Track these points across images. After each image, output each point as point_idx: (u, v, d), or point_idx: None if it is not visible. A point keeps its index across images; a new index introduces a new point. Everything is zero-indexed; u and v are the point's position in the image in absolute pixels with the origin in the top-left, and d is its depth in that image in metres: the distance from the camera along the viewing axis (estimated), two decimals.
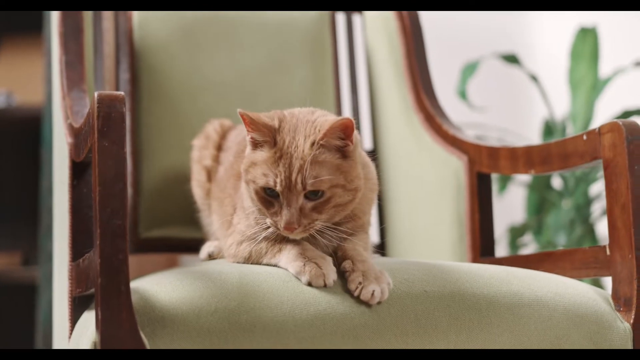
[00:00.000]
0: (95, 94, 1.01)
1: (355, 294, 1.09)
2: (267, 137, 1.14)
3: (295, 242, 1.16)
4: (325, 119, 1.17)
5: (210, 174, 1.44)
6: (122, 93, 1.02)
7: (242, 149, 1.33)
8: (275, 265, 1.15)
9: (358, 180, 1.15)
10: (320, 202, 1.13)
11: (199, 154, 1.47)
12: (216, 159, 1.44)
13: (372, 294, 1.08)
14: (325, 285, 1.09)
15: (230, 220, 1.26)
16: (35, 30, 2.55)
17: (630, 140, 1.24)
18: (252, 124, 1.14)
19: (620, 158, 1.25)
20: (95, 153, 1.01)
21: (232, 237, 1.23)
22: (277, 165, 1.12)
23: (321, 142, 1.13)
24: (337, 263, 1.15)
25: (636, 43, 2.56)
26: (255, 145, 1.16)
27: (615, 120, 1.26)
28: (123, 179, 1.01)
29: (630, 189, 1.23)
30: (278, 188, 1.12)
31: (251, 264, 1.18)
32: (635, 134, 1.25)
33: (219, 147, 1.45)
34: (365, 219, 1.23)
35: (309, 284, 1.09)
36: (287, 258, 1.13)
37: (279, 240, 1.16)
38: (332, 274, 1.10)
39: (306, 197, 1.12)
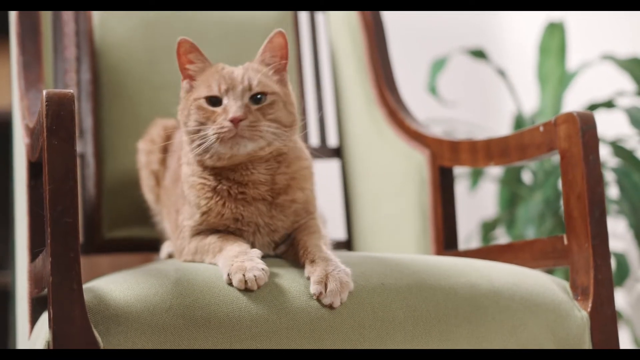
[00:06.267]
0: (44, 93, 1.01)
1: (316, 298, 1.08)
2: (206, 63, 1.20)
3: (235, 242, 1.15)
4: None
5: (158, 178, 1.44)
6: (71, 91, 1.02)
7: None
8: (216, 265, 1.14)
9: (294, 108, 1.20)
10: (264, 105, 1.16)
11: (146, 158, 1.46)
12: (163, 162, 1.43)
13: (331, 305, 1.08)
14: (246, 285, 1.06)
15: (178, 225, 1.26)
16: (3, 33, 2.54)
17: (585, 131, 1.26)
18: (194, 51, 1.20)
19: (575, 148, 1.26)
20: (45, 151, 1.01)
21: (180, 240, 1.23)
22: (222, 76, 1.17)
23: (261, 57, 1.20)
24: (298, 259, 1.15)
25: (602, 37, 2.58)
26: (192, 79, 1.20)
27: (570, 111, 1.27)
28: (73, 177, 1.00)
29: (585, 178, 1.24)
30: (224, 88, 1.15)
31: (198, 261, 1.18)
32: (590, 124, 1.26)
33: (165, 150, 1.44)
34: (306, 198, 1.22)
35: (229, 282, 1.07)
36: (223, 259, 1.11)
37: (222, 239, 1.16)
38: (255, 271, 1.07)
39: (250, 102, 1.16)
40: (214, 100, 1.16)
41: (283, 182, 1.19)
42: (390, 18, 1.77)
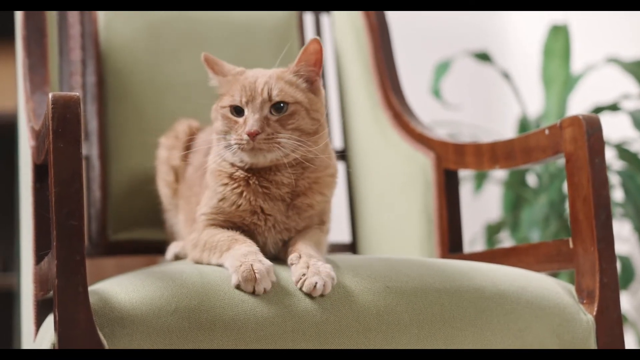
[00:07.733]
0: (50, 95, 1.01)
1: (298, 286, 1.10)
2: (226, 73, 1.23)
3: (245, 242, 1.15)
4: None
5: (178, 175, 1.44)
6: (77, 94, 1.02)
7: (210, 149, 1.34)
8: (222, 266, 1.14)
9: (321, 115, 1.21)
10: (284, 115, 1.18)
11: (168, 154, 1.47)
12: (185, 159, 1.44)
13: (315, 286, 1.08)
14: (254, 292, 1.07)
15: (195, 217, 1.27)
16: (9, 35, 2.54)
17: (591, 134, 1.25)
18: (216, 62, 1.24)
19: (581, 151, 1.26)
20: (51, 154, 1.01)
21: (194, 233, 1.24)
22: (244, 86, 1.19)
23: (296, 68, 1.20)
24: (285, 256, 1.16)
25: (607, 39, 2.58)
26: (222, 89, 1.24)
27: (575, 114, 1.27)
28: (79, 180, 1.00)
29: (591, 182, 1.24)
30: (244, 100, 1.18)
31: (205, 260, 1.18)
32: (595, 127, 1.26)
33: (188, 148, 1.45)
34: (323, 205, 1.23)
35: (237, 287, 1.08)
36: (232, 258, 1.12)
37: (231, 239, 1.16)
38: (264, 282, 1.08)
39: (271, 112, 1.18)
40: (238, 109, 1.19)
41: (305, 185, 1.22)
42: (394, 20, 1.77)
